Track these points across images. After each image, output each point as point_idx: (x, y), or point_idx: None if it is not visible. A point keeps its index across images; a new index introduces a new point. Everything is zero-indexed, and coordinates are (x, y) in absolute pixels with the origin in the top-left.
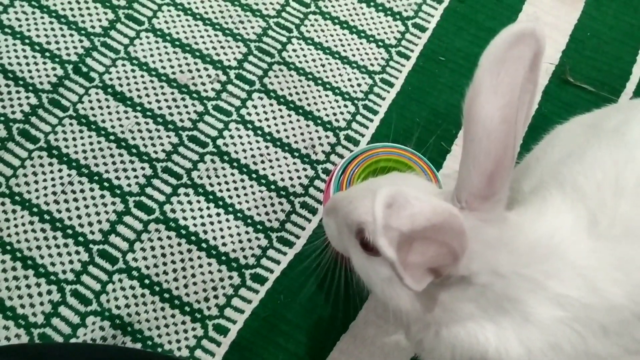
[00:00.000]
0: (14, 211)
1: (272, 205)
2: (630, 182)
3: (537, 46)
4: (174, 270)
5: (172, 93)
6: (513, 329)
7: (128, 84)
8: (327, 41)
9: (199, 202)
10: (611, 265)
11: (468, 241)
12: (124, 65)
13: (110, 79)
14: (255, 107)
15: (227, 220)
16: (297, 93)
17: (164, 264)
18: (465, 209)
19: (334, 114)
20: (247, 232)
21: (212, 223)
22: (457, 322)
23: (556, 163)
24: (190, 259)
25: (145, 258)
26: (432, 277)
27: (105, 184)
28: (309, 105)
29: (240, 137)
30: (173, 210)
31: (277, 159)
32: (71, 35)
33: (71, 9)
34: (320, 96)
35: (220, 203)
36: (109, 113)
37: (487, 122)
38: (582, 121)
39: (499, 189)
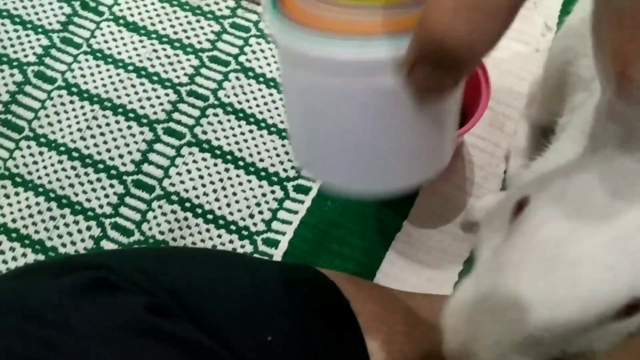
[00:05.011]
0: (41, 153)
1: None
2: None
3: None
4: (214, 191)
5: (186, 16)
6: None
7: (139, 13)
8: None
9: (229, 120)
10: None
11: None
12: None
13: (121, 10)
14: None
15: (261, 135)
16: None
17: (203, 185)
18: None
19: None
20: (283, 146)
21: (245, 140)
22: None
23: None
24: (229, 178)
25: (182, 182)
26: None
27: (131, 114)
28: None
29: (262, 51)
30: (204, 132)
31: None
32: None
33: None
34: None
35: (252, 120)
36: (124, 44)
37: None
38: None
39: None
